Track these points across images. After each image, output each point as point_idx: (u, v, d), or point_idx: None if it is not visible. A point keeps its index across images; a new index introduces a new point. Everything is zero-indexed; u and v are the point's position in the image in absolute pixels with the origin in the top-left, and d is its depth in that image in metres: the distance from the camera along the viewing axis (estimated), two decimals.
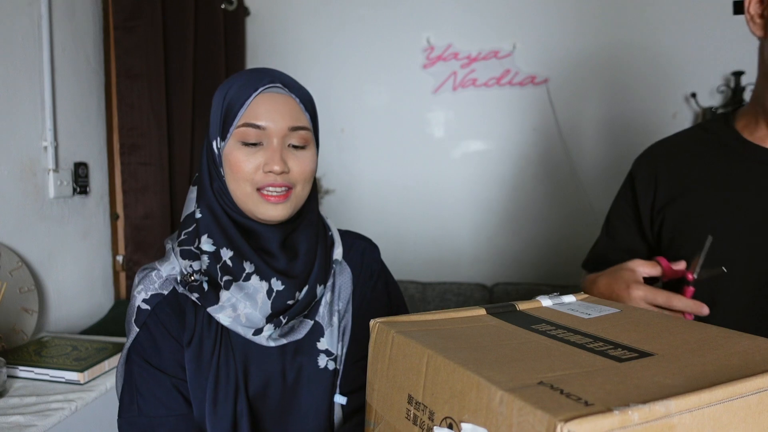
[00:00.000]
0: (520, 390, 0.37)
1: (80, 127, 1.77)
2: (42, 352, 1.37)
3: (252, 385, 0.78)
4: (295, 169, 0.75)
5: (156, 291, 0.78)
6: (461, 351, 0.47)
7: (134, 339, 0.78)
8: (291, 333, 0.79)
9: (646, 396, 0.36)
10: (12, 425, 1.07)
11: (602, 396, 0.36)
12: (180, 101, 2.04)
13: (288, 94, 0.75)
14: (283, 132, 0.74)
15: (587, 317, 0.59)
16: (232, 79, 0.78)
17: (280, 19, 2.57)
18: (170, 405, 0.76)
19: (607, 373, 0.41)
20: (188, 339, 0.77)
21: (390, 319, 0.56)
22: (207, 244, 0.76)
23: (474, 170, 2.47)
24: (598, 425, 0.33)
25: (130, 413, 0.76)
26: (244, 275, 0.75)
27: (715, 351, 0.46)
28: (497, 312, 0.60)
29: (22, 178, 1.55)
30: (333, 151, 2.56)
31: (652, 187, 0.91)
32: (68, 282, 1.73)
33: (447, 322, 0.57)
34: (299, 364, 0.79)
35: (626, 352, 0.46)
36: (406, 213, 2.53)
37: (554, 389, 0.37)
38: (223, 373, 0.76)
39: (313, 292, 0.80)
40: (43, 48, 1.61)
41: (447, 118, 2.47)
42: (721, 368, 0.41)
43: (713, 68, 2.18)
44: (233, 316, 0.75)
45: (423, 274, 2.46)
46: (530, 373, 0.41)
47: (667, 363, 0.43)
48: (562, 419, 0.33)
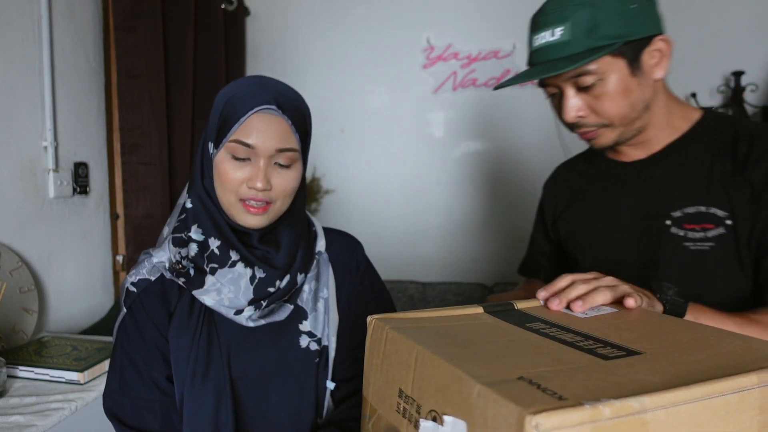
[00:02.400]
0: (497, 384, 0.38)
1: (80, 127, 1.77)
2: (42, 352, 1.37)
3: (234, 364, 0.83)
4: (278, 187, 0.81)
5: (144, 276, 0.84)
6: (449, 347, 0.48)
7: (121, 320, 0.84)
8: (270, 315, 0.84)
9: (622, 392, 0.36)
10: (12, 425, 1.07)
11: (578, 391, 0.37)
12: (180, 101, 2.04)
13: (281, 116, 0.79)
14: (270, 152, 0.79)
15: (584, 317, 0.59)
16: (235, 87, 0.81)
17: (280, 19, 2.57)
18: (147, 388, 0.81)
19: (589, 371, 0.41)
20: (173, 321, 0.83)
21: (386, 316, 0.57)
22: (196, 234, 0.82)
23: (474, 170, 2.47)
24: (567, 418, 0.34)
25: (112, 392, 0.82)
26: (229, 262, 0.81)
27: (705, 350, 0.46)
28: (494, 310, 0.61)
29: (22, 178, 1.55)
30: (333, 151, 2.56)
31: (553, 201, 1.10)
32: (68, 282, 1.73)
33: (442, 319, 0.58)
34: (280, 344, 0.85)
35: (614, 351, 0.46)
36: (406, 213, 2.52)
37: (532, 384, 0.38)
38: (205, 352, 0.81)
39: (294, 280, 0.86)
40: (43, 48, 1.61)
41: (447, 118, 2.47)
42: (708, 367, 0.41)
43: (713, 68, 2.18)
44: (217, 299, 0.81)
45: (423, 274, 2.46)
46: (512, 368, 0.42)
47: (653, 361, 0.43)
48: (532, 412, 0.34)
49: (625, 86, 0.81)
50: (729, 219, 0.82)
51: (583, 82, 0.81)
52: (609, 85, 0.81)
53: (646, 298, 0.70)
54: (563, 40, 0.79)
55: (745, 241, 0.82)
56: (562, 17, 0.79)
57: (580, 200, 1.03)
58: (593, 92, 0.82)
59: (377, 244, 2.09)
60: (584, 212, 1.02)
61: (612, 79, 0.80)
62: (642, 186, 0.92)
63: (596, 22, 0.77)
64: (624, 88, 0.81)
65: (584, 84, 0.81)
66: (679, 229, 0.86)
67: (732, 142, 0.85)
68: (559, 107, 0.87)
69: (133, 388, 0.82)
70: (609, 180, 0.97)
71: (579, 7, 0.78)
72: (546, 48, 0.81)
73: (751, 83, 2.09)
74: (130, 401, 0.81)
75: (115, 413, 0.82)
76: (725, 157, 0.85)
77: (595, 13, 0.77)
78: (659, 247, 0.87)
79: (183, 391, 0.80)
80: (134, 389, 0.81)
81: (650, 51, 0.82)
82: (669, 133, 0.90)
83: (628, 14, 0.78)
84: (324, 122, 2.55)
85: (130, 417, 0.81)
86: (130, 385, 0.82)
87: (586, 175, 1.04)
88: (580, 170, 1.07)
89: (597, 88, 0.81)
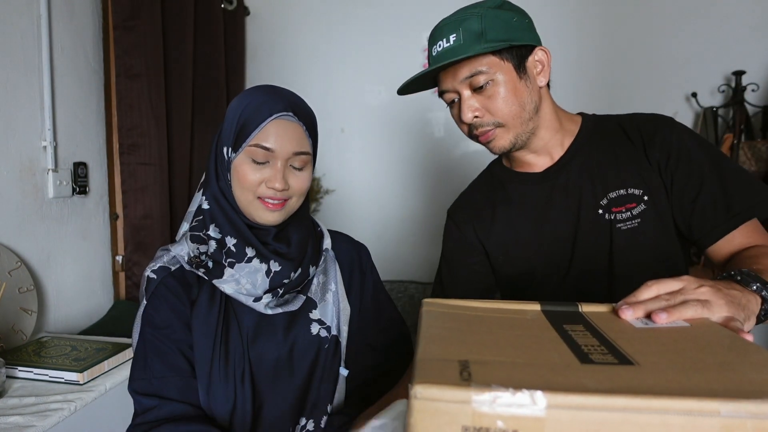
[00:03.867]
0: (430, 361, 0.42)
1: (80, 127, 1.77)
2: (41, 353, 1.37)
3: (252, 349, 0.89)
4: (294, 186, 0.88)
5: (164, 264, 0.89)
6: (451, 330, 0.51)
7: (144, 309, 0.87)
8: (286, 305, 0.91)
9: (536, 387, 0.36)
10: (11, 426, 1.07)
11: (497, 380, 0.37)
12: (179, 101, 2.04)
13: (297, 122, 0.86)
14: (287, 155, 0.85)
15: (644, 326, 0.55)
16: (249, 96, 0.87)
17: (280, 19, 2.57)
18: (178, 367, 0.84)
19: (547, 369, 0.41)
20: (195, 307, 0.87)
21: (436, 301, 0.61)
22: (214, 232, 0.88)
23: (474, 170, 2.46)
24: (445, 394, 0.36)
25: (142, 378, 0.84)
26: (246, 258, 0.87)
27: (711, 373, 0.41)
28: (549, 309, 0.60)
29: (21, 177, 1.55)
30: (333, 151, 2.56)
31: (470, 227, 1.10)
32: (67, 282, 1.72)
33: (487, 310, 0.59)
34: (294, 331, 0.91)
35: (609, 358, 0.44)
36: (406, 213, 2.52)
37: (463, 366, 0.40)
38: (225, 337, 0.87)
39: (306, 271, 0.94)
40: (43, 48, 1.61)
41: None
42: (688, 388, 0.37)
43: (713, 68, 2.18)
44: (236, 288, 0.87)
45: (423, 274, 2.45)
46: (468, 353, 0.44)
47: (634, 373, 0.41)
48: (419, 382, 0.37)
49: (514, 87, 0.92)
50: (645, 195, 0.94)
51: (476, 82, 0.91)
52: (499, 86, 0.91)
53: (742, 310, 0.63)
54: (456, 45, 0.90)
55: (664, 209, 0.94)
56: (455, 27, 0.91)
57: (500, 222, 1.06)
58: (486, 92, 0.92)
59: (377, 244, 2.08)
60: (511, 231, 1.04)
61: (501, 79, 0.91)
62: (564, 188, 1.00)
63: (483, 29, 0.89)
64: (513, 89, 0.92)
65: (477, 84, 0.91)
66: (609, 214, 0.96)
67: (623, 132, 0.99)
68: (458, 114, 0.96)
69: (157, 373, 0.84)
70: (527, 193, 1.04)
71: (469, 17, 0.90)
72: (443, 53, 0.92)
73: (752, 83, 2.09)
74: (159, 382, 0.84)
75: (137, 391, 0.84)
76: (624, 145, 0.98)
77: (482, 22, 0.90)
78: (600, 237, 0.96)
79: (205, 373, 0.85)
80: (158, 373, 0.84)
81: (533, 60, 0.94)
82: (563, 136, 1.01)
83: (511, 25, 0.91)
84: (324, 122, 2.54)
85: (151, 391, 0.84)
86: (153, 371, 0.84)
87: (498, 196, 1.08)
88: (487, 195, 1.11)
89: (489, 89, 0.92)
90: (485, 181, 1.15)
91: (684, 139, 0.94)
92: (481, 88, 0.92)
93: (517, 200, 1.05)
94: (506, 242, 1.05)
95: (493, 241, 1.07)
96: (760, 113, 2.09)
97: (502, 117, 0.93)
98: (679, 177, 0.93)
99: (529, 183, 1.04)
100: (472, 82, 0.92)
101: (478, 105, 0.93)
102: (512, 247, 1.05)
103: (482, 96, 0.93)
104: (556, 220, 1.00)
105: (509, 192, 1.06)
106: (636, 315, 0.58)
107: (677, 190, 0.93)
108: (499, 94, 0.92)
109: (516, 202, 1.05)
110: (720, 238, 0.91)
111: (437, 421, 0.36)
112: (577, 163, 1.00)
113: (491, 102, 0.92)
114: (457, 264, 1.12)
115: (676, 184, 0.93)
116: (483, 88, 0.92)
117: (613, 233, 0.95)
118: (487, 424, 0.35)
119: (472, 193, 1.17)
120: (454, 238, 1.14)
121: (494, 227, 1.07)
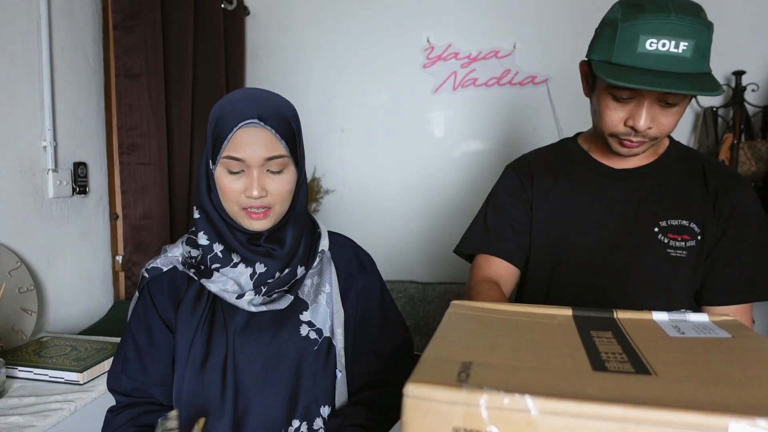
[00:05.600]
0: (432, 361, 0.42)
1: (79, 127, 1.77)
2: (41, 353, 1.37)
3: (238, 348, 0.90)
4: (274, 192, 0.87)
5: (157, 265, 0.94)
6: (467, 332, 0.51)
7: (134, 305, 0.94)
8: (272, 303, 0.91)
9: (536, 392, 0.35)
10: (11, 426, 1.07)
11: (489, 382, 0.37)
12: (179, 101, 2.04)
13: (264, 127, 0.85)
14: (259, 162, 0.85)
15: (679, 336, 0.52)
16: (222, 105, 0.87)
17: (280, 19, 2.57)
18: (151, 370, 0.91)
19: (553, 374, 0.40)
20: (180, 307, 0.91)
21: (464, 303, 0.61)
22: (203, 239, 0.91)
23: (474, 170, 2.46)
24: (437, 393, 0.36)
25: (114, 369, 0.93)
26: (231, 264, 0.90)
27: (733, 387, 0.39)
28: (580, 315, 0.59)
29: (21, 177, 1.55)
30: (333, 151, 2.56)
31: (528, 185, 1.10)
32: (67, 282, 1.72)
33: (515, 314, 0.58)
34: (282, 332, 0.91)
35: (626, 367, 0.43)
36: (407, 213, 2.52)
37: (464, 368, 0.40)
38: (208, 337, 0.89)
39: (294, 272, 0.93)
40: (42, 48, 1.61)
41: (447, 118, 2.47)
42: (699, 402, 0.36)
43: (713, 68, 2.16)
44: (221, 288, 0.90)
45: (423, 274, 2.45)
46: (476, 355, 0.43)
47: (645, 383, 0.39)
48: (412, 381, 0.37)
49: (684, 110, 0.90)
50: (700, 235, 0.98)
51: (675, 99, 0.85)
52: (683, 108, 0.89)
53: None
54: (685, 56, 0.81)
55: (705, 254, 0.99)
56: (689, 33, 0.81)
57: (557, 195, 1.07)
58: (672, 110, 0.87)
59: (377, 244, 2.08)
60: (564, 207, 1.06)
61: (686, 102, 0.89)
62: (631, 194, 1.02)
63: (708, 48, 0.83)
64: (683, 113, 0.91)
65: (673, 102, 0.86)
66: (664, 236, 0.99)
67: (703, 174, 1.01)
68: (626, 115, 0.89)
69: (132, 368, 0.91)
70: (594, 181, 1.05)
71: (703, 28, 0.82)
72: (667, 57, 0.81)
73: (752, 83, 2.09)
74: (127, 379, 0.91)
75: (113, 389, 0.93)
76: (699, 186, 1.01)
77: (709, 39, 0.83)
78: (644, 251, 0.99)
79: (184, 373, 0.88)
80: (133, 370, 0.91)
81: None
82: (650, 151, 1.02)
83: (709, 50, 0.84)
84: (324, 121, 2.55)
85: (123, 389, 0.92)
86: (130, 366, 0.91)
87: (564, 171, 1.08)
88: (551, 165, 1.10)
89: (677, 108, 0.87)
90: (556, 153, 1.13)
91: (751, 207, 0.99)
92: (670, 104, 0.86)
93: (581, 183, 1.05)
94: (553, 215, 1.06)
95: (543, 207, 1.07)
96: (760, 113, 2.09)
97: (663, 134, 0.91)
98: (729, 234, 0.97)
99: (599, 173, 1.04)
100: (668, 97, 0.85)
101: (656, 117, 0.88)
102: (557, 223, 1.05)
103: (662, 110, 0.87)
104: (609, 219, 1.01)
105: (578, 172, 1.06)
106: None
107: (720, 245, 0.98)
108: (675, 115, 0.89)
109: (579, 184, 1.05)
110: (729, 304, 0.98)
111: (429, 420, 0.36)
112: (654, 179, 1.01)
113: (669, 120, 0.89)
114: (507, 207, 1.10)
115: (723, 241, 0.98)
116: (672, 105, 0.86)
117: (660, 254, 0.98)
118: (479, 426, 0.35)
119: (538, 157, 1.14)
120: (511, 184, 1.12)
121: (549, 196, 1.07)
